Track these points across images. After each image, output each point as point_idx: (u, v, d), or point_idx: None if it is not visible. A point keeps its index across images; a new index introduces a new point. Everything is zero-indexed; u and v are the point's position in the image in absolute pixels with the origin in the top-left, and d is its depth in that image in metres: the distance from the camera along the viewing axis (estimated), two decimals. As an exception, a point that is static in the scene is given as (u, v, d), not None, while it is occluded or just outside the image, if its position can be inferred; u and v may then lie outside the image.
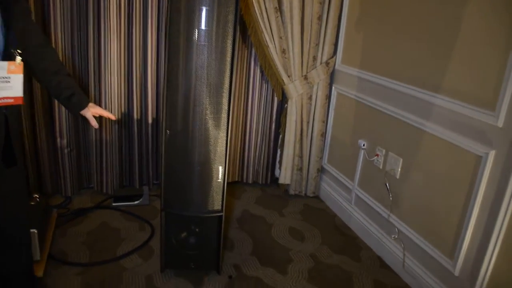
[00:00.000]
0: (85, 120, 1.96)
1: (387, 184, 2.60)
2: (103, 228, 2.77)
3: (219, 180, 2.21)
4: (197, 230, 2.33)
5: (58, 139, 2.94)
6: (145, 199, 3.04)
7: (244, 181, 3.49)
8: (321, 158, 3.31)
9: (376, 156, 2.73)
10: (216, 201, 2.24)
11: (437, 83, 2.24)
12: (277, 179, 3.41)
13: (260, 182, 3.50)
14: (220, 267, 2.40)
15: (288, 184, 3.37)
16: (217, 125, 2.12)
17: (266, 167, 3.45)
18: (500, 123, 1.93)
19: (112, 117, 2.05)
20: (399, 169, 2.54)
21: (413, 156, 2.43)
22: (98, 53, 2.86)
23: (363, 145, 2.85)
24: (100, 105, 2.95)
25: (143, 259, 2.49)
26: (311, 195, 3.36)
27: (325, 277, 2.45)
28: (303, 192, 3.35)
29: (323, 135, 3.26)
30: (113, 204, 3.01)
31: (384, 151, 2.66)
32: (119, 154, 3.11)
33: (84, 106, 1.91)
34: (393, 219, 2.58)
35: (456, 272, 2.16)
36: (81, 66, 2.91)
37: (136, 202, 3.03)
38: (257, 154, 3.41)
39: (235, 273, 2.42)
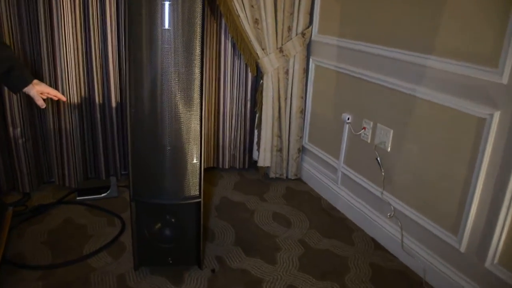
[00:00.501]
0: (35, 104, 1.64)
1: (378, 159, 2.35)
2: (67, 225, 2.44)
3: (195, 161, 1.91)
4: (172, 220, 2.04)
5: (11, 129, 2.57)
6: (113, 191, 2.72)
7: (220, 166, 3.21)
8: (301, 137, 3.05)
9: (363, 130, 2.48)
10: (193, 186, 1.95)
11: (428, 43, 2.00)
12: (256, 162, 3.13)
13: (238, 167, 3.22)
14: (201, 261, 2.12)
15: (267, 167, 3.10)
16: (189, 102, 1.82)
17: (243, 150, 3.17)
18: (505, 80, 1.70)
19: (63, 98, 1.74)
20: (390, 142, 2.30)
21: (405, 126, 2.19)
22: (51, 30, 2.50)
23: (348, 119, 2.60)
24: (56, 88, 2.58)
25: (113, 258, 2.18)
26: (293, 177, 3.11)
27: (318, 264, 2.20)
28: (285, 175, 3.09)
29: (302, 112, 2.99)
30: (78, 198, 2.68)
31: (371, 123, 2.42)
32: (82, 143, 2.77)
33: (28, 82, 1.61)
34: (387, 196, 2.34)
35: (462, 248, 1.93)
36: (32, 47, 2.55)
37: (103, 195, 2.71)
38: (232, 137, 3.12)
39: (218, 266, 2.15)
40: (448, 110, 1.94)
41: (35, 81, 1.65)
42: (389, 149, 2.31)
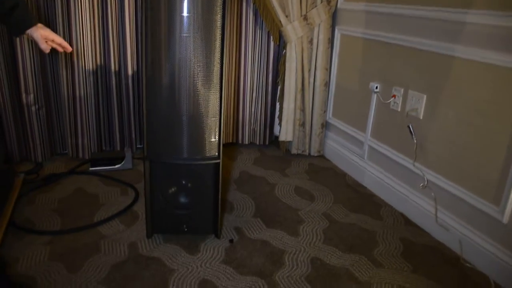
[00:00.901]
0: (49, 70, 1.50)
1: (410, 126, 2.15)
2: (78, 194, 2.30)
3: (214, 119, 1.74)
4: (189, 184, 1.87)
5: (24, 95, 2.44)
6: (127, 163, 2.57)
7: (240, 141, 3.04)
8: (325, 111, 2.87)
9: (393, 98, 2.28)
10: (212, 145, 1.78)
11: None
12: (277, 138, 2.96)
13: (258, 143, 3.05)
14: (219, 230, 1.95)
15: (289, 142, 2.92)
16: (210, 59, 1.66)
17: (264, 125, 3.00)
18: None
19: (68, 48, 1.60)
20: (423, 108, 2.11)
21: (440, 90, 1.99)
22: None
23: (376, 87, 2.41)
24: (71, 55, 2.45)
25: (125, 225, 2.03)
26: (316, 154, 2.92)
27: (344, 237, 2.02)
28: (307, 151, 2.91)
29: (327, 84, 2.80)
30: (91, 169, 2.54)
31: (402, 90, 2.22)
32: (96, 112, 2.63)
33: (32, 23, 1.48)
34: (419, 167, 2.14)
35: (505, 219, 1.73)
36: (47, 7, 2.41)
37: (117, 166, 2.56)
38: (253, 110, 2.95)
39: (237, 237, 1.98)
40: (491, 68, 1.74)
41: (40, 24, 1.50)
42: (421, 116, 2.12)
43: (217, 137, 1.79)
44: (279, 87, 2.85)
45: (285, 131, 2.82)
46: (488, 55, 1.74)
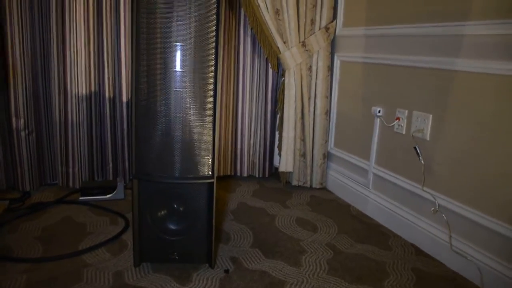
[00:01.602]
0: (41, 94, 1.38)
1: (417, 148, 2.00)
2: (65, 223, 2.12)
3: (208, 136, 1.60)
4: (181, 208, 1.70)
5: (14, 119, 2.31)
6: (119, 193, 2.40)
7: (238, 174, 2.87)
8: (327, 141, 2.72)
9: (397, 120, 2.15)
10: (204, 164, 1.62)
11: (464, 7, 1.71)
12: (277, 170, 2.80)
13: (257, 175, 2.89)
14: (213, 259, 1.75)
15: (290, 174, 2.76)
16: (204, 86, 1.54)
17: (263, 156, 2.84)
18: None
19: None
20: (429, 128, 1.97)
21: (445, 107, 1.86)
22: (62, 15, 2.29)
23: (379, 112, 2.28)
24: (65, 80, 2.35)
25: (112, 254, 1.83)
26: (318, 186, 2.75)
27: (351, 267, 1.82)
28: (309, 183, 2.73)
29: (327, 113, 2.68)
30: (81, 198, 2.36)
31: (406, 112, 2.09)
32: (89, 139, 2.49)
33: None
34: (428, 191, 1.97)
35: (528, 243, 1.53)
36: (42, 29, 2.33)
37: (108, 196, 2.39)
38: (251, 141, 2.80)
39: (233, 267, 1.78)
40: (495, 78, 1.62)
41: None
42: (428, 137, 1.97)
43: (210, 155, 1.64)
44: (278, 115, 2.72)
45: (285, 162, 2.66)
46: (489, 64, 1.63)
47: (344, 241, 2.06)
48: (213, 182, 1.65)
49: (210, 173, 1.65)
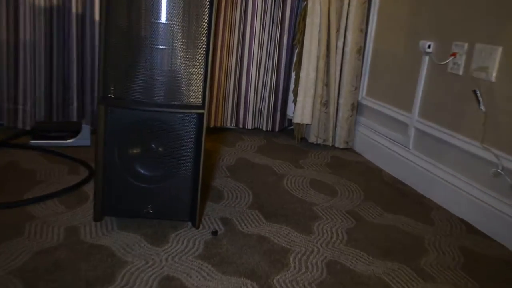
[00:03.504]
0: None
1: (478, 92, 1.91)
2: (8, 169, 2.09)
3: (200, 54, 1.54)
4: (160, 149, 1.65)
5: None
6: (84, 138, 2.38)
7: (241, 126, 2.84)
8: (357, 88, 2.65)
9: (452, 57, 2.07)
10: (194, 88, 1.57)
11: None
12: (290, 124, 2.77)
13: (265, 128, 2.86)
14: (198, 217, 1.71)
15: (307, 128, 2.73)
16: None
17: (273, 105, 2.81)
18: None
19: None
20: (496, 66, 1.87)
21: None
22: None
23: (428, 47, 2.21)
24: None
25: (66, 207, 1.80)
26: (342, 145, 2.71)
27: (377, 239, 1.78)
28: (330, 141, 2.69)
29: (361, 51, 2.60)
30: (32, 141, 2.32)
31: (466, 45, 2.01)
32: (47, 69, 2.45)
33: None
34: (489, 149, 1.88)
35: None
36: None
37: (69, 141, 2.36)
38: (259, 85, 2.76)
39: (223, 229, 1.74)
40: None
41: None
42: (493, 78, 1.88)
43: (202, 77, 1.57)
44: (296, 51, 2.64)
45: (302, 111, 2.60)
46: None
47: (371, 210, 2.02)
48: (203, 114, 1.59)
49: (200, 102, 1.59)
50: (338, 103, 2.65)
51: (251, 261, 1.55)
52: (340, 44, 2.58)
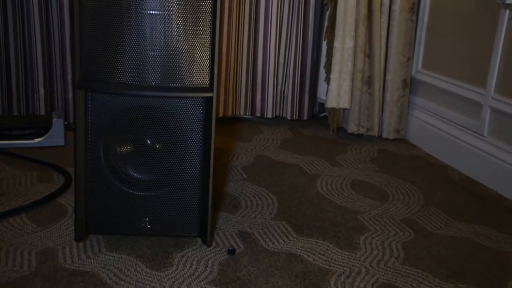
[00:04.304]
0: None
1: None
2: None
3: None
4: (157, 145, 1.74)
5: None
6: (56, 135, 2.49)
7: (258, 114, 2.95)
8: (410, 59, 2.71)
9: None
10: (199, 67, 1.65)
11: None
12: (323, 108, 2.84)
13: (290, 117, 2.95)
14: (209, 231, 1.79)
15: (344, 114, 2.80)
16: None
17: (299, 86, 2.90)
18: None
19: None
20: None
21: None
22: None
23: (510, -3, 2.27)
24: None
25: (38, 225, 1.91)
26: (392, 135, 2.82)
27: (445, 257, 1.85)
28: (376, 130, 2.78)
29: (414, 10, 2.67)
30: (-10, 142, 2.44)
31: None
32: (4, 49, 2.54)
33: None
34: None
35: None
36: None
37: (37, 140, 2.47)
38: (281, 61, 2.83)
39: (241, 246, 1.83)
40: None
41: None
42: None
43: (209, 51, 1.64)
44: (327, 13, 2.70)
45: (337, 92, 2.68)
46: None
47: (434, 218, 2.10)
48: (211, 98, 1.65)
49: (208, 83, 1.65)
50: (385, 80, 2.73)
51: (280, 286, 1.61)
52: (386, 1, 2.64)
